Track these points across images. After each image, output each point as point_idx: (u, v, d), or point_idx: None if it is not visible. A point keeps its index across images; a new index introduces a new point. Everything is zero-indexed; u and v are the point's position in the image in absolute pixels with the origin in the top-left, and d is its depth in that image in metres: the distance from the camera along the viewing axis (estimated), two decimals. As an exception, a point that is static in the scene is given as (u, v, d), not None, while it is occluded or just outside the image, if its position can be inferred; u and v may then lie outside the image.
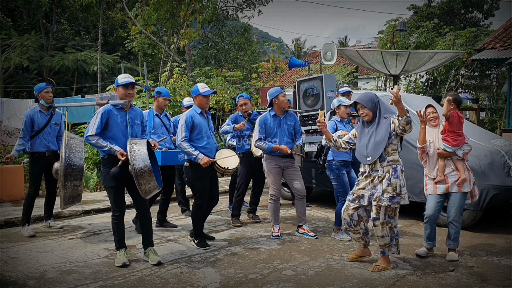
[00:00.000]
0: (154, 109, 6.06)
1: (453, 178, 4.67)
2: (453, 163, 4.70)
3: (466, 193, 4.70)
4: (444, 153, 4.66)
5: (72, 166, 4.73)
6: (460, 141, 4.62)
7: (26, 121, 5.72)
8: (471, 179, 4.73)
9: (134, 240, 5.44)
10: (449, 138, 4.64)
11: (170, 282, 4.15)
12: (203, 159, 5.02)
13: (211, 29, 23.00)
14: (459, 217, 4.70)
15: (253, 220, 6.58)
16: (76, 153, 4.79)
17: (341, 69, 16.04)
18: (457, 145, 4.62)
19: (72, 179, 4.77)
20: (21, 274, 4.36)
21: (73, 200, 4.95)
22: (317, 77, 6.75)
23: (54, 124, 5.93)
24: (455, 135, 4.62)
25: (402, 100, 6.68)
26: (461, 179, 4.63)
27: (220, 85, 13.95)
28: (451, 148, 4.62)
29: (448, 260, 4.68)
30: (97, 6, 15.25)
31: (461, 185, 4.65)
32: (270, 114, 5.69)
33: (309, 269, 4.49)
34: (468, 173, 4.73)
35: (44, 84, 5.91)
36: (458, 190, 4.65)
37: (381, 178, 4.33)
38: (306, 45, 48.92)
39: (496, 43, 12.97)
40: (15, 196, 7.73)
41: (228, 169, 5.28)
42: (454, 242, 4.75)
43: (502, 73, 17.33)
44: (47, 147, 5.85)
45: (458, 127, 4.64)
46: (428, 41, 15.56)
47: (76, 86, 19.26)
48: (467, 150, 4.72)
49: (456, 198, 4.67)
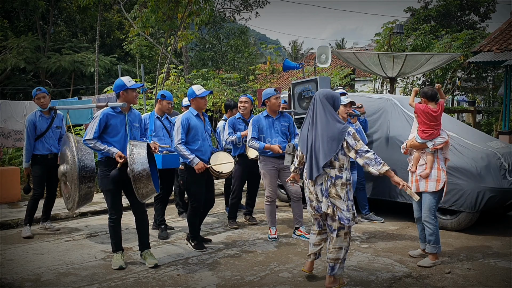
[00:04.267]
0: (156, 111, 6.02)
1: (420, 171, 4.69)
2: (426, 157, 4.72)
3: (435, 193, 4.61)
4: (416, 144, 4.73)
5: (86, 168, 4.75)
6: (430, 134, 4.64)
7: (29, 126, 5.69)
8: (441, 179, 4.61)
9: (131, 242, 5.43)
10: (419, 130, 4.71)
11: (166, 284, 4.15)
12: (198, 164, 4.99)
13: (208, 31, 23.03)
14: (431, 217, 4.60)
15: (250, 222, 6.58)
16: (87, 155, 4.81)
17: (338, 71, 16.07)
18: (426, 138, 4.64)
19: (86, 181, 4.80)
20: (17, 276, 4.35)
21: (85, 201, 4.97)
22: (312, 79, 6.77)
23: (56, 127, 5.90)
24: (426, 127, 4.65)
25: (399, 103, 6.77)
26: (424, 172, 4.63)
27: (217, 87, 13.95)
28: (420, 140, 4.67)
29: (418, 264, 4.60)
30: (94, 7, 15.21)
31: (424, 178, 4.62)
32: (263, 115, 5.72)
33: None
34: (439, 172, 4.62)
35: (34, 91, 5.84)
36: (425, 189, 4.64)
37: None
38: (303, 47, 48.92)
39: (492, 45, 13.03)
40: (12, 198, 7.70)
41: (222, 173, 5.28)
42: (432, 246, 4.61)
43: (499, 75, 17.42)
44: (50, 150, 5.84)
45: (427, 119, 4.65)
46: (425, 44, 15.62)
47: (73, 88, 19.21)
48: (439, 143, 4.63)
49: (425, 198, 4.67)
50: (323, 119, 3.89)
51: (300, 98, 6.89)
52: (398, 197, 6.39)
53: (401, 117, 6.58)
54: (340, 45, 39.47)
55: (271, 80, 18.25)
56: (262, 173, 5.80)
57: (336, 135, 3.82)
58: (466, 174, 5.67)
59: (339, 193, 3.86)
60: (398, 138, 6.44)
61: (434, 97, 4.74)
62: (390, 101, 6.86)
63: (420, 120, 4.72)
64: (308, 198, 4.09)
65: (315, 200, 4.01)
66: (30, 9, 18.90)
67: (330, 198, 3.89)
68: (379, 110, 6.82)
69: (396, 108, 6.71)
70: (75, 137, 4.67)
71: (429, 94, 4.75)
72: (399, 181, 3.91)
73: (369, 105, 6.80)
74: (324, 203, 3.90)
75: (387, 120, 6.69)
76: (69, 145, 4.96)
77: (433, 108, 4.69)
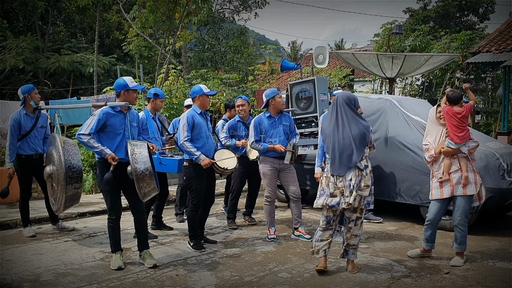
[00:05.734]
0: (149, 111, 5.92)
1: (458, 178, 4.56)
2: (458, 162, 4.59)
3: (471, 196, 4.59)
4: (449, 151, 4.57)
5: (72, 168, 4.70)
6: (463, 137, 4.51)
7: (13, 125, 5.63)
8: (477, 181, 4.60)
9: (130, 243, 5.43)
10: (451, 134, 4.55)
11: (165, 284, 4.15)
12: (204, 160, 5.07)
13: (207, 31, 23.03)
14: (465, 220, 4.62)
15: (249, 222, 6.58)
16: (74, 155, 4.77)
17: (337, 72, 16.09)
18: (460, 142, 4.51)
19: (73, 181, 4.75)
20: (16, 276, 4.34)
21: (72, 203, 4.93)
22: (310, 80, 6.79)
23: (40, 126, 5.86)
24: (458, 130, 4.51)
25: (398, 103, 6.77)
26: (464, 177, 4.52)
27: (216, 88, 13.96)
28: (454, 145, 4.52)
29: (452, 265, 4.61)
30: (93, 8, 15.22)
31: (466, 186, 4.53)
32: (265, 116, 5.72)
33: (304, 271, 4.49)
34: (474, 174, 4.61)
35: (31, 86, 5.83)
36: (463, 193, 4.55)
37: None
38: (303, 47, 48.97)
39: (491, 46, 13.05)
40: (10, 198, 7.64)
41: (227, 169, 5.33)
42: (461, 246, 4.67)
43: (497, 76, 17.43)
44: (35, 150, 5.80)
45: (456, 121, 4.53)
46: (424, 44, 15.63)
47: (72, 88, 19.20)
48: (473, 147, 4.60)
49: (461, 202, 4.59)
50: (350, 119, 4.27)
51: (298, 98, 6.91)
52: (396, 197, 6.39)
53: (400, 118, 6.58)
54: (339, 45, 39.50)
55: (270, 80, 18.26)
56: (261, 173, 5.80)
57: (364, 132, 4.25)
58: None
59: (367, 183, 4.23)
60: (397, 138, 6.45)
61: (458, 101, 4.61)
62: (389, 101, 6.86)
63: (449, 124, 4.58)
64: (330, 193, 4.29)
65: (339, 195, 4.25)
66: (29, 10, 18.87)
67: (360, 191, 4.20)
68: (378, 110, 6.82)
69: (395, 109, 6.71)
70: (61, 138, 4.64)
71: (451, 98, 4.63)
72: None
73: (368, 106, 6.80)
74: (353, 197, 4.18)
75: (386, 120, 6.69)
76: (55, 145, 4.89)
77: (458, 109, 4.57)
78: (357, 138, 4.22)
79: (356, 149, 4.20)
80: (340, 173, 4.23)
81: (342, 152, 4.22)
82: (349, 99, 4.35)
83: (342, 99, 4.34)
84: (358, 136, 4.22)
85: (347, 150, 4.21)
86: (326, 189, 4.32)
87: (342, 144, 4.24)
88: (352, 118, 4.27)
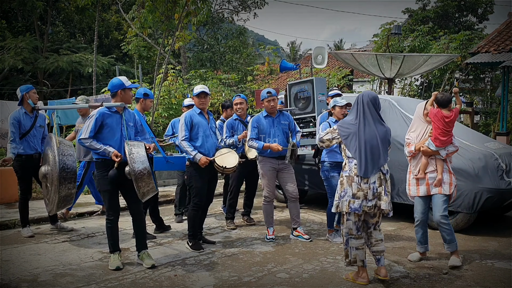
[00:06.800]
0: (138, 110, 5.71)
1: (433, 178, 4.60)
2: (435, 163, 4.62)
3: (447, 195, 4.60)
4: (428, 151, 4.59)
5: (66, 169, 4.70)
6: (445, 141, 4.52)
7: (13, 123, 5.65)
8: (452, 182, 4.61)
9: (128, 243, 5.42)
10: (434, 136, 4.54)
11: (164, 285, 4.14)
12: (201, 159, 5.07)
13: (206, 31, 23.02)
14: (445, 218, 4.59)
15: (247, 222, 6.57)
16: (68, 156, 4.76)
17: (336, 72, 16.09)
18: (441, 146, 4.53)
19: (67, 182, 4.74)
20: (14, 277, 4.33)
21: (65, 203, 4.92)
22: (308, 80, 6.79)
23: (39, 126, 5.87)
24: (442, 134, 4.50)
25: (397, 104, 6.77)
26: (437, 179, 4.55)
27: (215, 88, 13.96)
28: (434, 147, 4.54)
29: (450, 266, 4.58)
30: (92, 8, 15.21)
31: (438, 186, 4.56)
32: (262, 115, 5.72)
33: (303, 272, 4.49)
34: (450, 175, 4.62)
35: (30, 85, 5.87)
36: (438, 191, 4.58)
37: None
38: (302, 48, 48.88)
39: (490, 46, 13.05)
40: (8, 198, 7.68)
41: (226, 168, 5.29)
42: (451, 245, 4.63)
43: (496, 76, 17.46)
44: (35, 149, 5.80)
45: (441, 124, 4.51)
46: (423, 45, 15.64)
47: (70, 88, 19.20)
48: (451, 151, 4.62)
49: (438, 200, 4.60)
50: (376, 120, 4.15)
51: (297, 98, 6.90)
52: (395, 198, 6.39)
53: (399, 118, 6.58)
54: (338, 46, 39.52)
55: (269, 81, 18.27)
56: (260, 173, 5.80)
57: (386, 136, 4.18)
58: (464, 175, 5.67)
59: (389, 188, 4.16)
60: (396, 138, 6.43)
61: (446, 104, 4.58)
62: (388, 102, 6.86)
63: (434, 126, 4.57)
64: (353, 194, 4.07)
65: (362, 197, 4.06)
66: (28, 10, 18.88)
67: (385, 197, 4.09)
68: (377, 110, 6.81)
69: (394, 109, 6.71)
70: (57, 138, 4.64)
71: (440, 101, 4.60)
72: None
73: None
74: (385, 201, 4.07)
75: (385, 120, 6.67)
76: (50, 145, 4.89)
77: (446, 113, 4.56)
78: (383, 139, 4.11)
79: (383, 150, 4.09)
80: (368, 175, 4.03)
81: (372, 153, 4.05)
82: (375, 98, 4.18)
83: (368, 98, 4.16)
84: (383, 137, 4.12)
85: (376, 151, 4.06)
86: (348, 189, 4.08)
87: (370, 144, 4.06)
88: (377, 119, 4.15)
